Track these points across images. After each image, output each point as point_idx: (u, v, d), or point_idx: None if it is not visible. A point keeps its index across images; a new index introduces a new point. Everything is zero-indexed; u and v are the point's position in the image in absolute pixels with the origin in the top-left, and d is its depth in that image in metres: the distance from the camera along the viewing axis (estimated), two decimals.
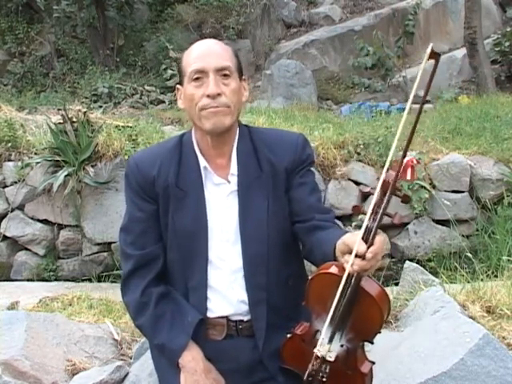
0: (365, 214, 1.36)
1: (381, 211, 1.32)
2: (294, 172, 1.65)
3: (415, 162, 1.35)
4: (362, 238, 1.32)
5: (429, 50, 1.22)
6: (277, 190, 1.63)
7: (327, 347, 1.44)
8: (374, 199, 1.34)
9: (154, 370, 1.79)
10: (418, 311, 2.30)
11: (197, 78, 1.54)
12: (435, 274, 3.00)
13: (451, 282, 2.81)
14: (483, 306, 2.30)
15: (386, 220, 1.36)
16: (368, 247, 1.31)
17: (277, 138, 1.69)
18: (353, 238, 1.34)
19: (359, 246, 1.30)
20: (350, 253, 1.33)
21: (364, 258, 1.30)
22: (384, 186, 1.34)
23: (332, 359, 1.45)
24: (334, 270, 1.42)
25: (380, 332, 1.45)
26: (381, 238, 1.33)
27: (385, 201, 1.32)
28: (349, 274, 1.34)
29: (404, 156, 1.32)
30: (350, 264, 1.31)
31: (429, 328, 2.03)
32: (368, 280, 1.40)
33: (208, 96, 1.53)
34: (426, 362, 1.86)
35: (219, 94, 1.53)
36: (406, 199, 1.37)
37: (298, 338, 1.53)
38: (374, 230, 1.31)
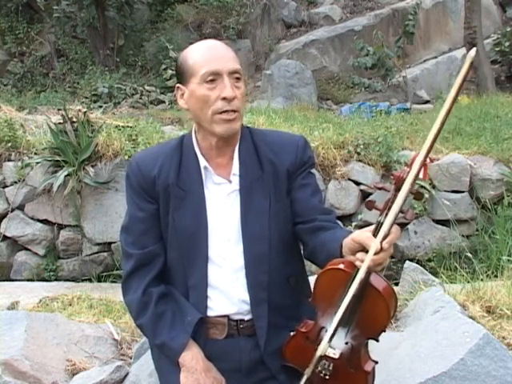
0: (378, 210, 1.37)
1: (396, 207, 1.30)
2: (295, 173, 1.65)
3: (428, 160, 1.34)
4: (375, 234, 1.32)
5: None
6: (278, 190, 1.63)
7: (332, 344, 1.44)
8: (388, 195, 1.34)
9: (154, 370, 1.79)
10: (417, 311, 2.30)
11: (211, 80, 1.53)
12: (435, 274, 3.00)
13: (451, 282, 2.82)
14: (483, 306, 2.30)
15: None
16: (382, 240, 1.30)
17: (278, 140, 1.70)
18: (363, 235, 1.34)
19: (374, 241, 1.30)
20: (360, 250, 1.33)
21: (378, 253, 1.30)
22: (397, 182, 1.34)
23: (336, 356, 1.45)
24: (342, 266, 1.41)
25: (385, 330, 1.45)
26: (396, 228, 1.33)
27: (400, 198, 1.31)
28: (358, 270, 1.34)
29: (426, 156, 1.31)
30: (369, 258, 1.30)
31: (429, 328, 2.03)
32: (376, 276, 1.40)
33: (224, 99, 1.52)
34: (426, 361, 1.86)
35: (233, 98, 1.53)
36: (418, 196, 1.38)
37: (301, 335, 1.53)
38: (389, 225, 1.30)
